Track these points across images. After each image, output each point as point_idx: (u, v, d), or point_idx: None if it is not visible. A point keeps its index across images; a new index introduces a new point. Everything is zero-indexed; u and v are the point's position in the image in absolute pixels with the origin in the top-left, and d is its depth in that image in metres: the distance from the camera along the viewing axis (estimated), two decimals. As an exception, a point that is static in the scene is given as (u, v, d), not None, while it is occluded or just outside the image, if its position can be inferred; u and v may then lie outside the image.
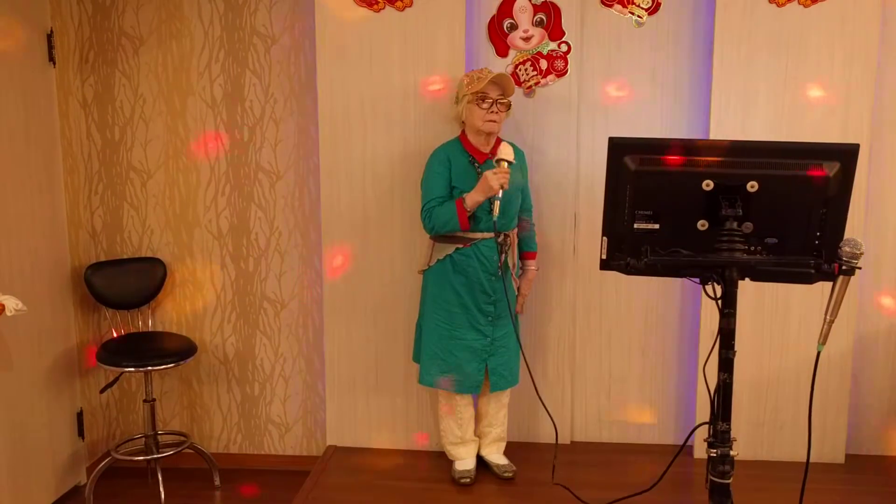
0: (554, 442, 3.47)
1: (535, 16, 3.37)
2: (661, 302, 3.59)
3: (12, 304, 3.01)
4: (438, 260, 3.16)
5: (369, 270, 3.54)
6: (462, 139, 3.15)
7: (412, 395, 3.62)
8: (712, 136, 3.29)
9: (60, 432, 3.64)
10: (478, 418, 3.43)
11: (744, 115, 3.30)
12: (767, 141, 2.10)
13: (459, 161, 3.10)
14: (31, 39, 3.38)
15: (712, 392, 2.10)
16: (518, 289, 3.33)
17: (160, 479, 3.57)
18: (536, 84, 3.42)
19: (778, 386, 3.46)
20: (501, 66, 3.42)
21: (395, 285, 3.52)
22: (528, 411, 3.66)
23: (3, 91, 3.22)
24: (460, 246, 3.11)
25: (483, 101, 3.01)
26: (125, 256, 3.83)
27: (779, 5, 3.22)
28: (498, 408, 3.39)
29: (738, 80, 3.28)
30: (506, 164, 2.95)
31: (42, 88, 3.46)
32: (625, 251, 2.12)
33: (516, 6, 3.37)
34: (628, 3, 3.37)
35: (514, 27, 3.39)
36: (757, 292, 3.38)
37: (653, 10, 3.38)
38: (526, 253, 3.35)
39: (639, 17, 3.38)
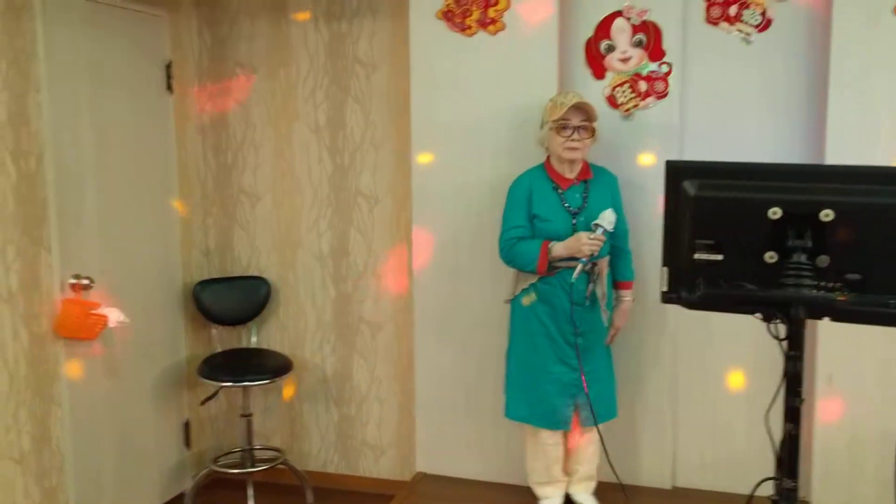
0: (656, 486, 3.24)
1: (633, 36, 3.22)
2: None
3: (115, 316, 3.22)
4: (523, 289, 3.06)
5: (461, 297, 3.49)
6: (546, 165, 3.06)
7: (503, 426, 3.50)
8: (828, 163, 2.99)
9: (167, 441, 3.83)
10: (567, 455, 3.27)
11: (864, 140, 2.98)
12: (848, 165, 1.87)
13: (542, 187, 3.01)
14: (150, 70, 3.64)
15: (777, 445, 1.87)
16: (611, 320, 3.15)
17: (252, 493, 3.67)
18: (635, 107, 3.26)
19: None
20: (598, 88, 3.30)
21: (487, 312, 3.44)
22: (626, 449, 3.44)
23: (124, 117, 3.48)
24: (545, 275, 3.00)
25: (564, 128, 2.91)
26: (234, 275, 4.00)
27: (907, 17, 2.90)
28: (587, 444, 3.21)
29: (858, 101, 2.97)
30: (601, 230, 2.84)
31: (160, 115, 3.71)
32: (684, 283, 1.95)
33: (614, 27, 3.24)
34: (735, 21, 3.15)
35: (611, 48, 3.26)
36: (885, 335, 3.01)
37: (763, 26, 3.14)
38: (620, 283, 3.17)
39: (746, 34, 3.15)
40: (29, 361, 3.01)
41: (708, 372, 3.38)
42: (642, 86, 3.24)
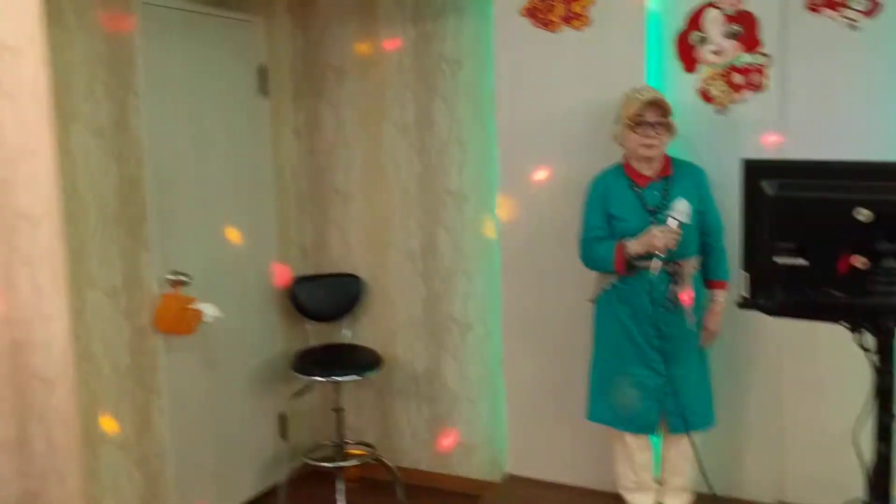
0: (760, 500, 3.08)
1: (728, 27, 3.07)
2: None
3: (210, 311, 3.35)
4: (604, 289, 2.98)
5: (549, 297, 3.44)
6: (624, 162, 2.96)
7: (593, 430, 3.41)
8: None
9: (264, 433, 3.96)
10: (661, 463, 3.16)
11: None
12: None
13: (619, 186, 2.91)
14: (245, 74, 3.77)
15: (868, 466, 1.74)
16: (700, 323, 3.01)
17: (342, 486, 3.74)
18: (731, 101, 3.11)
19: None
20: (690, 82, 3.16)
21: (574, 313, 3.37)
22: (727, 460, 3.28)
23: (220, 121, 3.61)
24: (625, 275, 2.91)
25: (638, 125, 2.80)
26: (328, 272, 4.09)
27: None
28: (679, 453, 3.09)
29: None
30: (676, 223, 2.72)
31: (255, 118, 3.83)
32: (764, 288, 1.84)
33: (707, 18, 3.10)
34: (839, 7, 2.94)
35: (704, 40, 3.11)
36: None
37: (871, 11, 2.92)
38: (712, 282, 3.02)
39: (853, 20, 2.94)
40: (131, 353, 3.18)
41: (818, 378, 3.16)
42: (737, 79, 3.08)
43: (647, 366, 2.94)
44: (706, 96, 3.13)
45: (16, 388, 3.13)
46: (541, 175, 3.37)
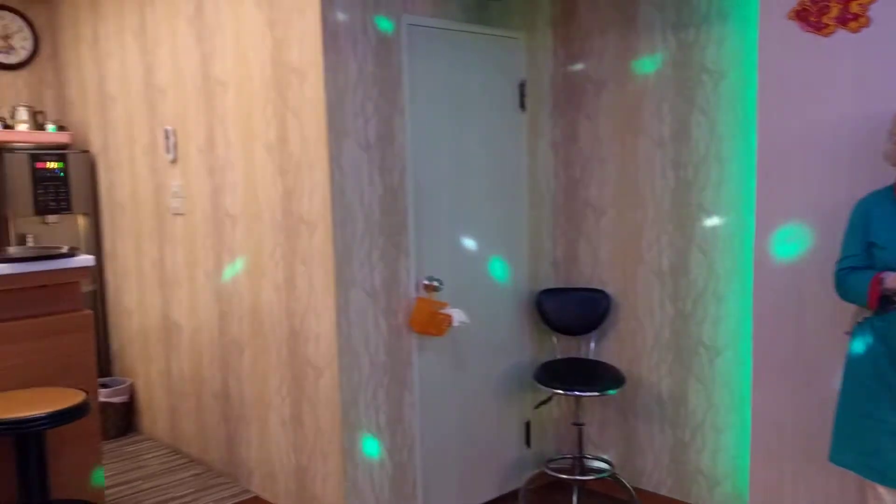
0: None
1: None
2: None
3: (459, 316, 3.54)
4: (858, 322, 2.67)
5: (804, 324, 3.14)
6: (895, 184, 2.61)
7: (847, 472, 3.08)
8: None
9: (509, 438, 4.08)
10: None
11: None
12: None
13: (884, 212, 2.57)
14: (505, 89, 3.92)
15: None
16: None
17: (577, 500, 3.74)
18: None
19: None
20: None
21: (831, 343, 3.05)
22: None
23: (479, 135, 3.80)
24: (881, 311, 2.58)
25: None
26: (577, 286, 4.11)
27: None
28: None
29: None
30: None
31: (513, 132, 3.97)
32: None
33: None
34: None
35: None
36: None
37: None
38: None
39: None
40: (387, 349, 3.46)
41: None
42: None
43: (900, 413, 2.58)
44: None
45: (293, 372, 3.56)
46: (805, 194, 3.10)
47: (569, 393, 3.67)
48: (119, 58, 4.67)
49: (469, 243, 3.81)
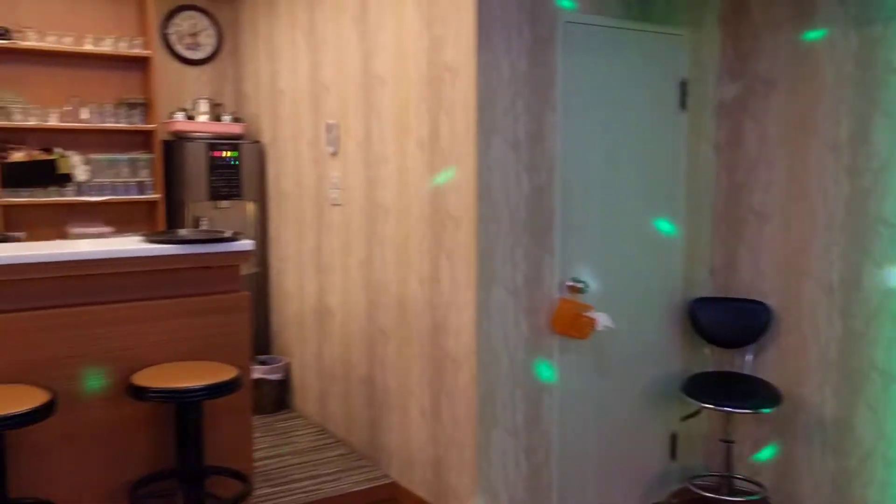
0: None
1: None
2: None
3: (603, 320, 3.44)
4: None
5: None
6: None
7: None
8: None
9: (653, 449, 3.93)
10: None
11: None
12: None
13: None
14: (665, 88, 3.76)
15: None
16: None
17: (722, 522, 3.55)
18: None
19: None
20: None
21: None
22: None
23: (634, 134, 3.67)
24: None
25: None
26: (734, 296, 3.88)
27: None
28: None
29: None
30: None
31: (671, 132, 3.80)
32: None
33: None
34: None
35: None
36: None
37: None
38: None
39: None
40: (526, 348, 3.42)
41: None
42: None
43: None
44: None
45: (434, 364, 3.61)
46: None
47: (719, 408, 3.48)
48: (290, 55, 4.91)
49: (618, 245, 3.69)
